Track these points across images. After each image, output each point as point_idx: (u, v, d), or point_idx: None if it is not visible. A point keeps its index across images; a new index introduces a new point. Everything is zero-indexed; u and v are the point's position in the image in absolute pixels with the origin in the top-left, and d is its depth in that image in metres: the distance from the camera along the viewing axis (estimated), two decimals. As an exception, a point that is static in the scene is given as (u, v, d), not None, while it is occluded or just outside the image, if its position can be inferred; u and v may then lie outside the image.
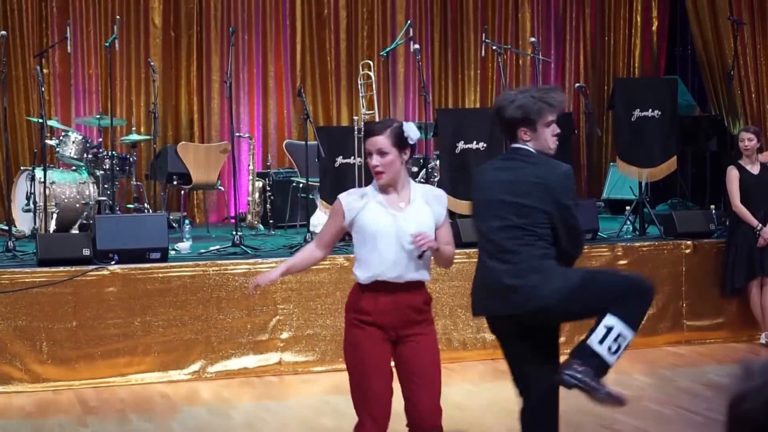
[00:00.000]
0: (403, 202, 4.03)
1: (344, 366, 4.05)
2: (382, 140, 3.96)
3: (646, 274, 8.08)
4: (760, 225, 7.78)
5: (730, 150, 9.89)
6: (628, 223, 8.87)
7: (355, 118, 8.88)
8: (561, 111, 4.22)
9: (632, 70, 12.50)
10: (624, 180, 10.18)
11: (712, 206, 9.06)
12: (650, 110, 8.77)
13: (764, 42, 10.46)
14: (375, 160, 3.98)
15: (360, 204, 4.02)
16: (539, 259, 3.93)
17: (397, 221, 3.97)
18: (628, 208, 9.11)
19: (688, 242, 8.25)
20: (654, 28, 12.56)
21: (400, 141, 3.98)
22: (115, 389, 6.77)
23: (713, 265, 8.24)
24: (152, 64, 9.79)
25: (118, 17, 9.81)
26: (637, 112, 8.79)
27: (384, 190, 4.03)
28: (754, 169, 7.91)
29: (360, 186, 8.33)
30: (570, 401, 4.41)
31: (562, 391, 4.04)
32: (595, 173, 12.38)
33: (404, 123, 4.04)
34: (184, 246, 7.94)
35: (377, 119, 8.63)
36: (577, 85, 11.28)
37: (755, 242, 7.82)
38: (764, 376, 1.47)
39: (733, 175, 7.91)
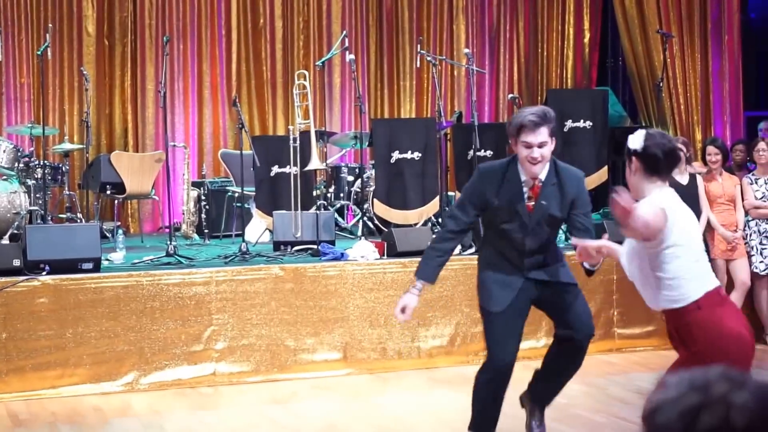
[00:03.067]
0: None
1: (279, 376, 4.06)
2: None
3: (579, 282, 8.20)
4: (689, 234, 7.93)
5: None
6: (561, 231, 8.97)
7: (291, 127, 8.88)
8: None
9: (564, 81, 12.66)
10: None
11: (643, 216, 9.18)
12: (582, 121, 8.91)
13: (692, 54, 10.68)
14: None
15: None
16: None
17: None
18: (560, 217, 9.20)
19: (620, 251, 8.36)
20: (586, 40, 12.74)
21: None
22: (46, 402, 6.68)
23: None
24: (85, 72, 9.69)
25: (50, 25, 9.69)
26: (569, 123, 8.91)
27: None
28: (683, 180, 8.05)
29: (295, 195, 8.34)
30: (504, 408, 4.47)
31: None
32: (529, 183, 12.50)
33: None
34: (118, 256, 7.86)
35: (312, 129, 8.64)
36: (510, 95, 11.39)
37: (684, 251, 7.96)
38: (679, 388, 1.50)
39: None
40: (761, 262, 8.25)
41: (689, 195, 7.99)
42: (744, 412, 1.45)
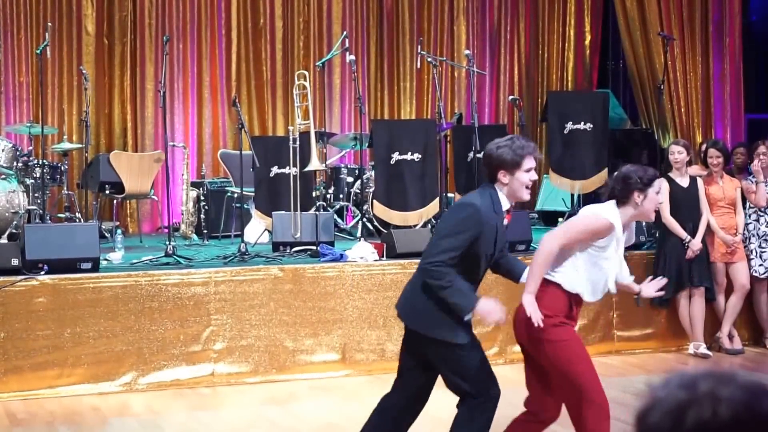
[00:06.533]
0: None
1: (278, 377, 4.04)
2: None
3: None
4: (689, 237, 7.92)
5: (660, 163, 10.05)
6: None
7: (290, 128, 8.87)
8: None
9: (565, 83, 12.65)
10: (557, 192, 10.29)
11: (643, 218, 9.17)
12: (582, 123, 8.90)
13: (693, 57, 10.67)
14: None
15: None
16: None
17: None
18: (560, 219, 9.22)
19: (619, 253, 8.35)
20: (587, 42, 12.73)
21: None
22: (44, 401, 6.66)
23: (643, 276, 8.29)
24: (84, 71, 9.67)
25: (49, 24, 9.68)
26: (569, 125, 8.90)
27: None
28: (684, 182, 8.05)
29: (295, 196, 8.32)
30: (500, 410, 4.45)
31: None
32: (529, 185, 12.49)
33: None
34: (116, 256, 7.85)
35: (312, 130, 8.63)
36: (510, 97, 11.39)
37: (684, 254, 7.95)
38: (666, 389, 1.52)
39: (663, 187, 8.03)
40: (760, 265, 8.23)
41: (689, 198, 7.99)
42: (731, 405, 1.46)
